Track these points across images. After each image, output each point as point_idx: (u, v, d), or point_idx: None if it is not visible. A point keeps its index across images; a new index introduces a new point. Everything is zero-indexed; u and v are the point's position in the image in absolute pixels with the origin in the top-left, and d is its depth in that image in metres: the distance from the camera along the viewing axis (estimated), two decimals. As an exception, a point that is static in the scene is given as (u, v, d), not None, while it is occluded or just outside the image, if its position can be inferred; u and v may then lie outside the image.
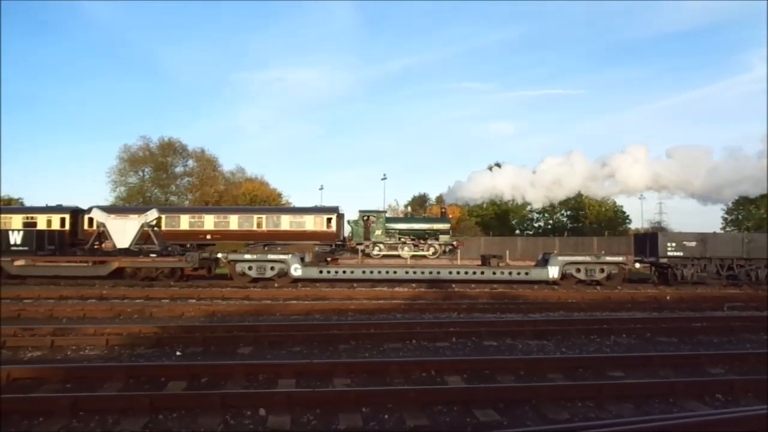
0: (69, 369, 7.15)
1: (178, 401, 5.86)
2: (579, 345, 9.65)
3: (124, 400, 5.83)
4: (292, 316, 12.81)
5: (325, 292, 17.57)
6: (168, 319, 12.23)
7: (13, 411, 5.56)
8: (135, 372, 7.11)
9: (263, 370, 7.27)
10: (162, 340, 9.34)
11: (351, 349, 9.12)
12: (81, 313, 12.64)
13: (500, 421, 5.57)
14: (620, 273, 21.17)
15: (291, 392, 6.17)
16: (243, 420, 5.55)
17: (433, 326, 10.79)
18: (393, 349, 9.17)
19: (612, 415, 5.77)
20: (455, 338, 9.96)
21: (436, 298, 16.70)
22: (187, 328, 10.44)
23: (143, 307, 13.45)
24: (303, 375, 7.11)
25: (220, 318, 12.51)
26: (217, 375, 7.08)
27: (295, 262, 20.96)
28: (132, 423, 5.38)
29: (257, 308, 13.67)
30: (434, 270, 21.72)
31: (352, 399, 5.90)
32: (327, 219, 31.92)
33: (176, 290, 17.67)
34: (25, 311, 12.72)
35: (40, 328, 10.03)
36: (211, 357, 8.51)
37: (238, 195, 54.24)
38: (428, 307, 14.13)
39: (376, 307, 13.99)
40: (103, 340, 9.24)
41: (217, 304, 14.65)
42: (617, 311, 14.21)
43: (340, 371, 7.19)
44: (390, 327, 10.71)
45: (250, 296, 16.46)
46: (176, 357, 8.59)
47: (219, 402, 5.74)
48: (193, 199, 56.32)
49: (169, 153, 58.14)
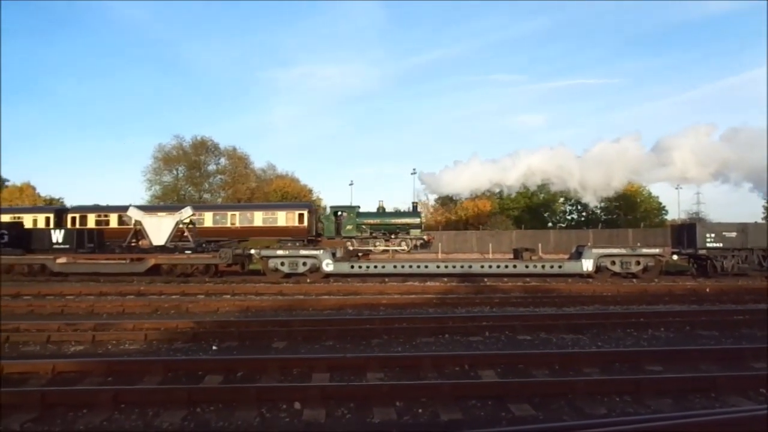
0: (110, 363, 7.33)
1: (216, 395, 5.96)
2: (615, 339, 9.48)
3: (163, 393, 5.96)
4: (325, 311, 12.90)
5: (356, 287, 17.64)
6: (204, 314, 12.44)
7: (58, 403, 5.75)
8: (173, 366, 7.25)
9: (297, 365, 7.34)
10: (198, 334, 9.51)
11: (384, 344, 9.14)
12: (120, 308, 12.96)
13: (536, 416, 5.52)
14: (657, 265, 20.72)
15: (325, 386, 6.22)
16: (278, 413, 5.62)
17: (465, 320, 10.75)
18: (425, 344, 9.16)
19: (651, 411, 5.66)
20: (488, 332, 9.89)
21: (468, 292, 16.61)
22: (223, 323, 10.60)
23: (179, 302, 13.72)
24: (337, 369, 7.15)
25: (254, 313, 12.67)
26: (253, 369, 7.17)
27: (326, 257, 21.10)
28: (171, 416, 5.49)
29: (290, 303, 13.81)
30: (466, 264, 21.63)
31: (385, 393, 5.92)
32: (299, 215, 32.17)
33: (211, 286, 17.97)
34: (68, 307, 13.10)
35: (82, 323, 10.31)
36: (247, 351, 8.63)
37: (270, 192, 54.83)
38: (460, 301, 14.07)
39: (407, 302, 13.98)
40: (141, 335, 9.45)
41: (251, 299, 14.85)
42: (654, 304, 13.90)
43: (374, 365, 7.21)
44: (422, 321, 10.71)
45: (283, 291, 16.63)
46: (212, 351, 8.74)
47: (255, 395, 5.81)
48: (226, 197, 57.20)
49: (201, 151, 59.17)
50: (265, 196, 53.79)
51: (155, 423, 5.38)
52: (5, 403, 5.71)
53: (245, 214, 33.41)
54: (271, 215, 33.09)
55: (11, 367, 7.10)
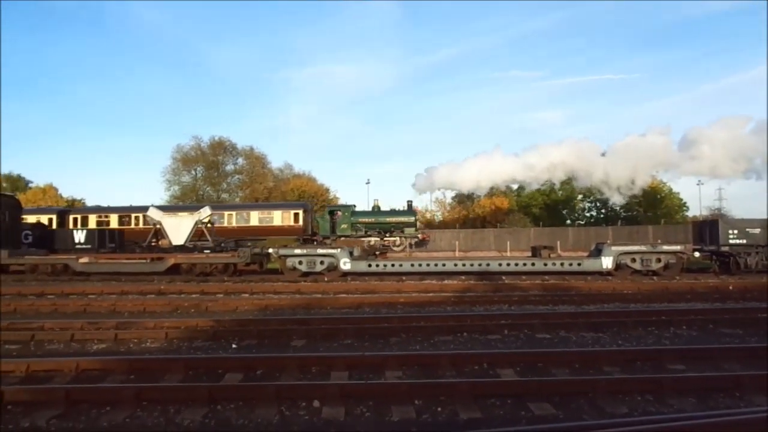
0: (132, 361, 7.43)
1: (236, 392, 6.01)
2: (636, 337, 9.38)
3: (184, 391, 6.03)
4: (343, 310, 12.94)
5: (374, 286, 17.66)
6: (223, 312, 12.55)
7: (82, 400, 5.84)
8: (193, 364, 7.32)
9: (316, 363, 7.37)
10: (218, 333, 9.60)
11: (402, 342, 9.14)
12: (141, 307, 13.12)
13: (556, 415, 5.49)
14: (678, 262, 20.46)
15: (344, 384, 6.24)
16: (298, 411, 5.65)
17: (483, 319, 10.70)
18: (444, 342, 9.14)
19: (674, 410, 5.59)
20: (507, 331, 9.85)
21: (486, 290, 16.54)
22: (242, 321, 10.68)
23: (199, 301, 13.85)
24: (355, 367, 7.16)
25: (272, 312, 12.76)
26: (272, 367, 7.22)
27: (344, 256, 21.16)
28: (192, 413, 5.55)
29: (308, 302, 13.87)
30: (483, 262, 21.57)
31: (404, 391, 5.92)
32: (294, 214, 32.31)
33: (230, 285, 18.11)
34: (90, 306, 13.29)
35: (105, 322, 10.46)
36: (266, 350, 8.69)
37: (287, 191, 55.12)
38: (478, 299, 14.01)
39: (425, 300, 13.97)
40: (162, 334, 9.57)
41: (269, 298, 14.93)
42: (676, 302, 13.73)
43: (392, 364, 7.22)
44: (440, 320, 10.69)
45: (301, 290, 16.71)
46: (232, 350, 8.81)
47: (274, 393, 5.85)
48: (243, 196, 57.60)
49: (219, 152, 59.68)
50: (282, 195, 54.07)
51: (177, 420, 5.44)
52: (32, 400, 5.82)
53: (241, 213, 33.67)
54: (267, 215, 33.37)
55: (37, 364, 7.23)
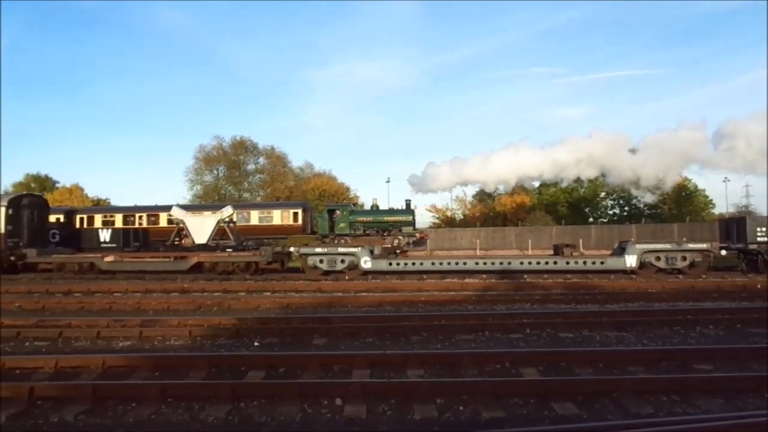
0: (157, 358, 7.54)
1: (259, 390, 6.07)
2: (661, 337, 9.24)
3: (208, 388, 6.10)
4: (364, 308, 12.96)
5: (395, 284, 17.66)
6: (245, 311, 12.66)
7: (108, 397, 5.94)
8: (216, 361, 7.40)
9: (338, 361, 7.40)
10: (240, 331, 9.68)
11: (423, 341, 9.13)
12: (165, 305, 13.30)
13: (579, 415, 5.43)
14: (704, 261, 20.10)
15: (366, 382, 6.25)
16: (320, 409, 5.68)
17: (505, 318, 10.63)
18: (465, 341, 9.11)
19: (700, 411, 5.50)
20: (529, 330, 9.77)
21: (507, 289, 16.43)
22: (264, 319, 10.77)
23: (222, 299, 13.99)
24: (377, 366, 7.18)
25: (294, 310, 12.83)
26: (294, 365, 7.27)
27: (365, 254, 21.20)
28: (216, 410, 5.62)
29: (329, 300, 13.92)
30: (505, 260, 21.44)
31: (426, 390, 5.92)
32: (294, 213, 32.51)
33: (252, 283, 18.26)
34: (116, 304, 13.51)
35: (130, 320, 10.63)
36: (288, 347, 8.75)
37: (308, 190, 55.40)
38: (500, 298, 13.93)
39: (446, 299, 13.93)
40: (186, 331, 9.68)
41: (290, 296, 15.03)
42: (702, 301, 13.49)
43: (413, 362, 7.21)
44: (461, 318, 10.65)
45: (322, 289, 16.78)
46: (254, 347, 8.89)
47: (297, 391, 5.89)
48: (265, 195, 58.02)
49: (241, 151, 60.21)
50: (303, 194, 54.34)
51: (201, 417, 5.51)
52: (61, 395, 5.95)
53: (242, 213, 33.97)
54: (266, 214, 33.76)
55: (65, 361, 7.38)
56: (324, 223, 28.29)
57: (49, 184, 62.54)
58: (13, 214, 23.65)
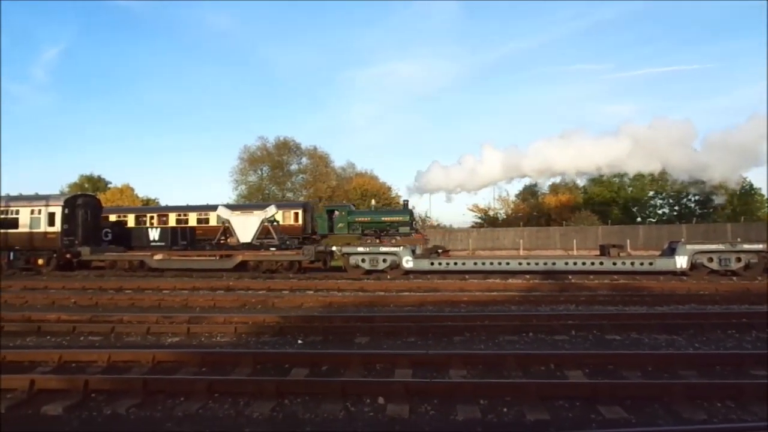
0: (204, 354, 7.72)
1: (302, 387, 6.14)
2: (714, 341, 8.90)
3: (253, 384, 6.20)
4: (406, 308, 12.96)
5: (436, 284, 17.60)
6: (288, 309, 12.83)
7: (158, 391, 6.12)
8: (261, 358, 7.52)
9: (380, 360, 7.42)
10: (284, 329, 9.83)
11: (466, 341, 9.06)
12: (211, 302, 13.61)
13: (628, 419, 5.29)
14: (761, 262, 19.25)
15: (408, 382, 6.25)
16: (363, 407, 5.71)
17: (550, 319, 10.45)
18: (509, 342, 9.00)
19: (757, 418, 5.28)
20: (574, 331, 9.58)
21: (551, 289, 16.14)
22: (307, 318, 10.90)
23: (266, 297, 14.22)
24: (419, 365, 7.16)
25: (336, 308, 12.93)
26: (337, 363, 7.33)
27: (407, 254, 21.19)
28: (261, 406, 5.71)
29: (371, 299, 13.97)
30: (549, 261, 21.07)
31: (469, 390, 5.87)
32: (294, 213, 32.57)
33: (295, 282, 18.50)
34: (165, 300, 13.90)
35: (178, 316, 10.93)
36: (330, 346, 8.82)
37: (350, 189, 55.71)
38: (544, 299, 13.71)
39: (489, 299, 13.79)
40: (231, 328, 9.89)
41: (333, 295, 15.16)
42: (758, 304, 12.93)
43: (456, 362, 7.17)
44: (505, 319, 10.51)
45: (364, 288, 16.85)
46: (298, 345, 9.00)
47: (340, 389, 5.94)
48: (307, 195, 58.66)
49: (284, 152, 60.99)
50: (345, 194, 54.67)
51: (246, 412, 5.61)
52: (113, 389, 6.16)
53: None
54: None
55: (117, 355, 7.64)
56: (323, 224, 28.81)
57: (102, 185, 64.77)
58: (69, 213, 24.63)
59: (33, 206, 24.67)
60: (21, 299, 14.27)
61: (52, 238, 24.18)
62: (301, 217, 32.79)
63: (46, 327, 10.24)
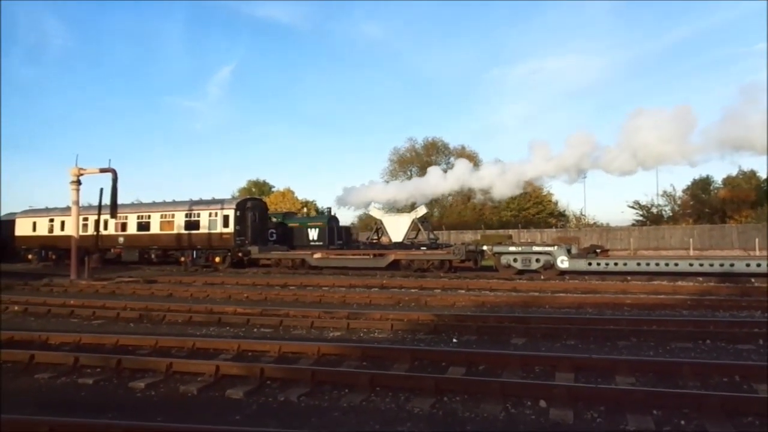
0: (364, 348, 8.05)
1: (461, 385, 6.16)
2: None
3: (412, 380, 6.35)
4: (563, 309, 12.44)
5: (595, 285, 16.70)
6: (441, 307, 12.93)
7: (324, 381, 6.51)
8: (418, 355, 7.67)
9: (539, 362, 7.21)
10: (438, 327, 9.93)
11: (631, 346, 8.48)
12: (367, 300, 14.17)
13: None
14: None
15: (572, 386, 5.99)
16: (524, 410, 5.58)
17: (731, 325, 9.42)
18: (682, 349, 8.26)
19: None
20: (762, 341, 8.53)
21: (730, 293, 14.53)
22: (460, 317, 10.90)
23: (418, 296, 14.48)
24: (581, 370, 6.85)
25: (489, 308, 12.78)
26: (494, 363, 7.25)
27: (561, 254, 20.35)
28: (421, 402, 5.82)
29: (525, 300, 13.61)
30: (726, 262, 18.99)
31: (640, 399, 5.48)
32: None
33: (446, 281, 18.62)
34: (325, 297, 14.74)
35: (337, 312, 11.52)
36: (485, 346, 8.74)
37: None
38: (721, 303, 12.40)
39: (655, 302, 12.77)
40: (388, 325, 10.21)
41: (485, 294, 15.02)
42: None
43: (623, 369, 6.73)
44: (675, 324, 9.67)
45: (517, 288, 16.47)
46: (453, 344, 9.04)
47: (499, 390, 5.86)
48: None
49: (432, 152, 61.75)
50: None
51: (407, 407, 5.75)
52: (285, 377, 6.65)
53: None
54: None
55: (287, 347, 8.25)
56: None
57: (267, 189, 70.31)
58: (240, 215, 27.12)
59: (211, 209, 27.53)
60: (203, 293, 15.98)
61: (227, 238, 26.80)
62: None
63: (225, 318, 11.35)
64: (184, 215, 28.11)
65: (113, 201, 22.10)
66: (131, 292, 16.77)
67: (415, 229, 26.72)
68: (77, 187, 22.37)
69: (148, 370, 7.14)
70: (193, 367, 7.15)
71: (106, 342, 9.03)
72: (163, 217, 28.81)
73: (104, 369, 7.29)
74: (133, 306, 12.99)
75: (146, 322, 11.64)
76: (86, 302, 13.80)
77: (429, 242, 25.64)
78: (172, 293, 16.26)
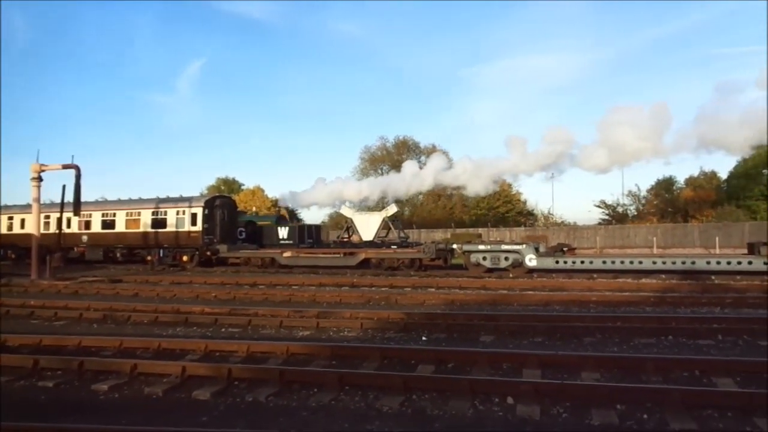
0: (333, 347, 8.02)
1: (430, 383, 6.18)
2: None
3: (381, 378, 6.35)
4: (530, 307, 12.60)
5: (562, 283, 16.97)
6: (411, 306, 12.97)
7: (293, 381, 6.46)
8: (388, 353, 7.68)
9: (507, 359, 7.29)
10: (408, 325, 9.96)
11: (597, 343, 8.64)
12: (337, 298, 14.12)
13: (792, 435, 4.75)
14: None
15: (538, 383, 6.07)
16: (491, 407, 5.63)
17: (692, 321, 9.69)
18: (645, 345, 8.45)
19: None
20: (721, 336, 8.79)
21: (692, 290, 14.94)
22: (430, 315, 10.95)
23: (389, 294, 14.50)
24: (548, 366, 6.94)
25: (459, 306, 12.86)
26: (463, 361, 7.30)
27: (529, 252, 20.60)
28: (390, 400, 5.82)
29: (494, 298, 13.76)
30: (688, 260, 19.50)
31: (605, 394, 5.58)
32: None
33: (416, 279, 18.68)
34: (294, 296, 14.65)
35: (307, 311, 11.45)
36: (455, 343, 8.80)
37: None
38: (683, 300, 12.73)
39: (620, 300, 13.05)
40: (358, 323, 10.20)
41: (455, 293, 15.12)
42: None
43: (589, 364, 6.85)
44: (640, 321, 9.93)
45: (486, 286, 16.63)
46: (422, 342, 9.08)
47: (468, 387, 5.90)
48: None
49: (403, 151, 61.86)
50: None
51: (376, 405, 5.74)
52: (253, 377, 6.59)
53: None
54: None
55: (255, 347, 8.18)
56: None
57: (236, 187, 69.47)
58: (208, 213, 26.75)
59: (178, 207, 27.08)
60: (170, 292, 15.71)
61: (195, 237, 26.41)
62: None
63: (193, 318, 11.18)
64: (150, 213, 27.58)
65: (76, 198, 21.54)
66: (95, 292, 16.39)
67: (386, 227, 26.74)
68: (38, 184, 21.75)
69: (111, 372, 7.00)
70: (158, 368, 7.03)
71: (68, 343, 8.82)
72: (129, 215, 28.23)
73: (66, 371, 7.11)
74: (97, 306, 12.70)
75: (110, 322, 11.39)
76: (47, 302, 13.43)
77: (399, 241, 25.69)
78: (138, 293, 15.95)
